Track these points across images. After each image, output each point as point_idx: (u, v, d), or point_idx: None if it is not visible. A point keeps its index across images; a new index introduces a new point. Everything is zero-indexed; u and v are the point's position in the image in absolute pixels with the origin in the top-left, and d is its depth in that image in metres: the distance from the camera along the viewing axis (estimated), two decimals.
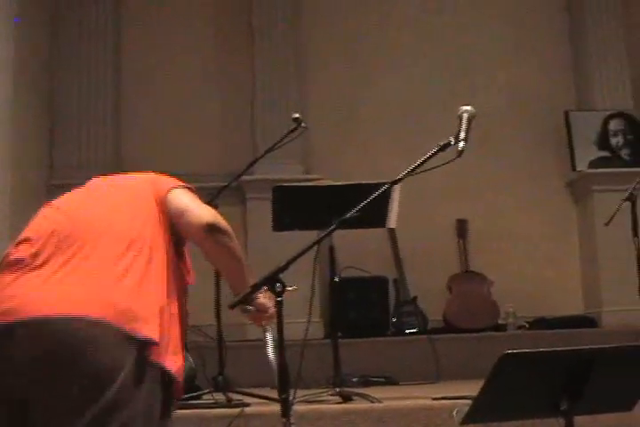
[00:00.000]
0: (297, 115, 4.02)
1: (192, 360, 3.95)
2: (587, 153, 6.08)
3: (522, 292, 5.94)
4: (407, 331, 5.64)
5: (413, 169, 2.21)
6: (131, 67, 6.28)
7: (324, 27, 6.42)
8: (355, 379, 4.45)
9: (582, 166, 6.05)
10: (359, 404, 3.57)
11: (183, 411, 3.20)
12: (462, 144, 2.20)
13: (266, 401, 3.51)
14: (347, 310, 5.53)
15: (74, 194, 2.31)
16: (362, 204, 2.18)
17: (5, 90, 4.87)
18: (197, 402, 3.69)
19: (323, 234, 2.23)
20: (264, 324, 2.35)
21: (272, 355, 2.28)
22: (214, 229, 2.17)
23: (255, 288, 2.11)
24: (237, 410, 3.39)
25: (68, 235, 2.10)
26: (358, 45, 6.42)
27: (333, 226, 2.18)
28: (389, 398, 3.65)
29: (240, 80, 6.26)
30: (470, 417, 2.15)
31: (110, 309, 1.96)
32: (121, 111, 6.21)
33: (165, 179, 2.32)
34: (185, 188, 2.29)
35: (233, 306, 2.17)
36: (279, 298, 2.09)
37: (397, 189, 3.74)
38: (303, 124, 4.00)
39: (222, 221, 2.20)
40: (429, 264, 6.01)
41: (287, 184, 4.10)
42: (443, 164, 2.20)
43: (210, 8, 6.45)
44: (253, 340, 4.99)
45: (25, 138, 5.35)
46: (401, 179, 2.25)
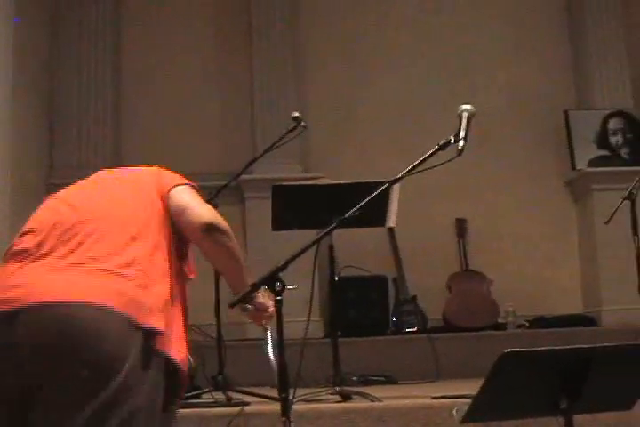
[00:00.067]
0: (297, 113, 4.02)
1: (192, 359, 3.95)
2: (586, 152, 6.08)
3: (521, 291, 5.94)
4: (407, 330, 5.64)
5: (413, 168, 2.20)
6: (130, 67, 6.29)
7: (323, 27, 6.42)
8: (354, 378, 4.46)
9: (582, 165, 6.04)
10: (359, 403, 3.58)
11: (183, 410, 3.19)
12: (462, 143, 2.20)
13: (265, 400, 3.53)
14: (346, 309, 5.54)
15: (78, 186, 2.31)
16: (361, 203, 2.18)
17: (5, 90, 4.86)
18: (197, 401, 3.69)
19: (322, 233, 2.22)
20: (264, 323, 2.35)
21: (272, 354, 2.28)
22: (213, 228, 2.17)
23: (255, 287, 2.11)
24: (237, 409, 3.39)
25: (72, 226, 2.10)
26: (356, 45, 6.41)
27: (333, 225, 2.18)
28: (389, 397, 3.65)
29: (239, 80, 6.26)
30: (470, 416, 2.16)
31: (116, 298, 1.96)
32: (121, 111, 6.22)
33: (170, 174, 2.33)
34: (188, 185, 2.29)
35: (233, 305, 2.17)
36: (279, 297, 2.09)
37: (397, 189, 3.74)
38: (303, 122, 4.00)
39: (222, 220, 2.20)
40: (429, 263, 6.01)
41: (286, 183, 4.10)
42: (443, 162, 2.20)
43: (209, 8, 6.45)
44: (253, 339, 4.99)
45: (25, 138, 5.35)
46: (400, 178, 2.25)
